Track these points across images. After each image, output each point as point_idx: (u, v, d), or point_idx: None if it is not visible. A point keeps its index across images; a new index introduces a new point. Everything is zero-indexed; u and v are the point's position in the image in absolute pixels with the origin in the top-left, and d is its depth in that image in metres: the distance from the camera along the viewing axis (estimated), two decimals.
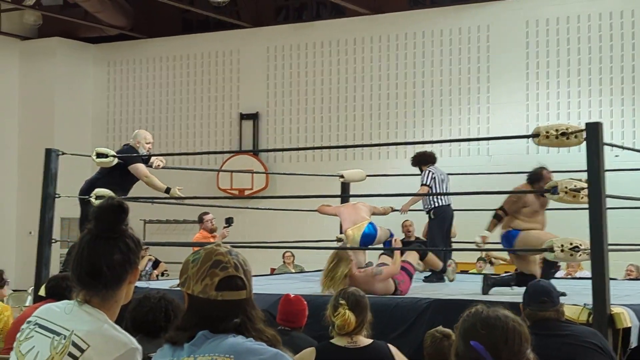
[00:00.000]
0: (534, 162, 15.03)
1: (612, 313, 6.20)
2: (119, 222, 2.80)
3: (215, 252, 2.64)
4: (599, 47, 16.78)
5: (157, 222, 20.38)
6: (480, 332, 2.73)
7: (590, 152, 6.48)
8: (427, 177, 10.25)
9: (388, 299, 7.33)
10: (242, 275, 2.61)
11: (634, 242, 11.13)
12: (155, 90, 21.72)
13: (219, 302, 2.57)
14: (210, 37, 21.18)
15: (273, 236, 15.80)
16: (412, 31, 18.59)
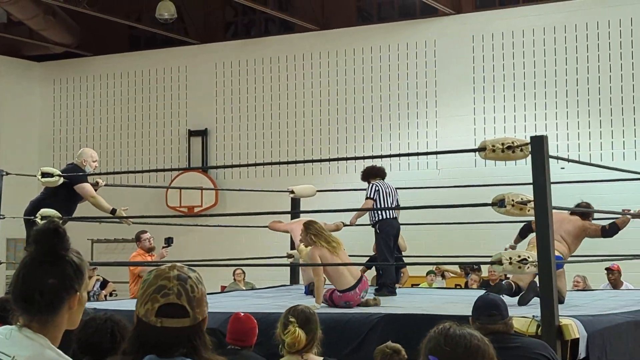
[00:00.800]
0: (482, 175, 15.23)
1: (560, 324, 6.25)
2: (55, 246, 2.72)
3: (163, 275, 2.58)
4: (543, 61, 17.00)
5: (105, 241, 20.20)
6: (444, 348, 2.75)
7: (535, 165, 6.55)
8: (371, 190, 10.26)
9: (339, 315, 7.32)
10: (184, 303, 2.54)
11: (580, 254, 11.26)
12: (102, 108, 21.53)
13: (159, 328, 2.53)
14: (157, 53, 21.08)
15: (223, 253, 15.73)
16: (360, 46, 18.68)
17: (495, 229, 12.39)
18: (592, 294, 10.54)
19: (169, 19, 18.33)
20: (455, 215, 14.12)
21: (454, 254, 13.10)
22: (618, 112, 16.38)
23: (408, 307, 8.29)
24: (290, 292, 10.57)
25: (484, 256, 8.07)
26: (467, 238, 15.41)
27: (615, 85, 16.43)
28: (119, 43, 21.71)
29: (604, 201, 14.80)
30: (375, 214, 10.20)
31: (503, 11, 17.59)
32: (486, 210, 7.18)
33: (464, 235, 15.39)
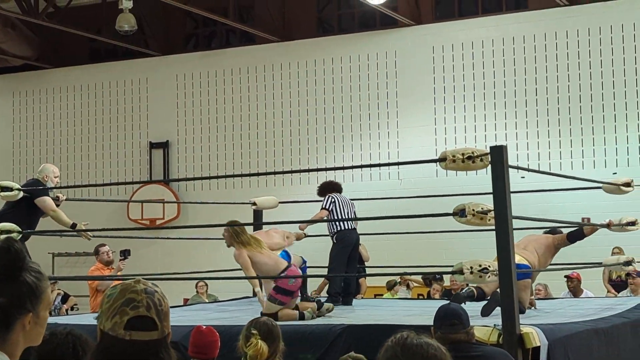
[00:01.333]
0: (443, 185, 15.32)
1: (521, 333, 6.29)
2: (6, 265, 2.68)
3: (130, 289, 2.57)
4: (503, 71, 17.15)
5: (66, 254, 20.02)
6: (400, 358, 2.74)
7: (495, 175, 6.60)
8: (327, 201, 10.35)
9: (302, 326, 7.32)
10: (153, 316, 2.54)
11: None
12: (62, 121, 21.37)
13: (127, 341, 2.51)
14: (118, 65, 20.98)
15: (186, 266, 15.64)
16: (321, 57, 18.73)
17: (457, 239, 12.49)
18: (552, 302, 10.62)
19: (129, 31, 18.23)
20: (417, 225, 14.17)
21: (416, 264, 13.15)
22: (577, 122, 16.56)
23: (371, 318, 8.30)
24: (253, 304, 10.54)
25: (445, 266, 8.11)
26: (429, 248, 15.48)
27: (573, 95, 16.61)
28: (79, 55, 21.57)
29: (564, 210, 14.97)
30: (334, 225, 10.25)
31: (462, 22, 17.73)
32: (447, 220, 7.22)
33: (426, 246, 15.46)
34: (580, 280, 13.14)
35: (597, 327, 7.44)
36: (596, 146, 16.39)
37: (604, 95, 16.41)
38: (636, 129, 16.17)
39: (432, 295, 14.56)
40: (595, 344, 7.23)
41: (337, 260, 10.20)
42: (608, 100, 16.37)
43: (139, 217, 19.57)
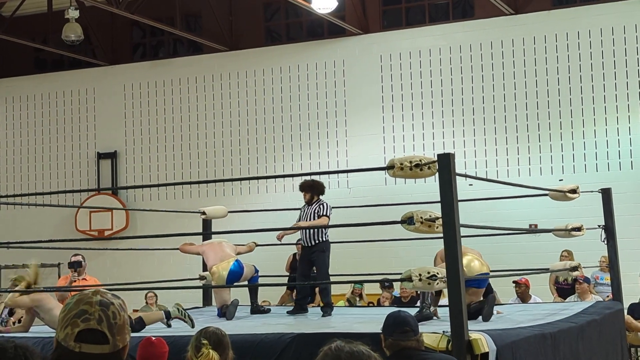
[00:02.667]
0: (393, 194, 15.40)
1: (470, 339, 6.33)
2: None
3: (85, 300, 2.55)
4: (450, 79, 17.30)
5: (13, 266, 19.72)
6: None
7: (442, 183, 6.64)
8: (327, 208, 9.98)
9: (252, 336, 7.29)
10: (104, 330, 2.51)
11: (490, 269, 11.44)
12: (8, 131, 21.11)
13: (77, 353, 2.50)
14: (64, 75, 20.79)
15: (135, 277, 15.54)
16: (270, 67, 18.74)
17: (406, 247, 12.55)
18: (501, 308, 10.71)
19: (75, 41, 18.09)
20: (366, 233, 14.22)
21: (366, 272, 13.18)
22: (523, 129, 16.76)
23: (321, 326, 8.31)
24: (203, 314, 10.49)
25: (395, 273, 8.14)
26: (379, 256, 15.55)
27: (520, 103, 16.81)
28: (24, 65, 21.33)
29: (511, 217, 15.15)
30: (322, 234, 9.96)
31: (409, 31, 17.86)
32: (397, 228, 7.26)
33: (375, 254, 15.52)
34: (528, 286, 13.27)
35: (545, 332, 7.52)
36: (542, 153, 16.59)
37: (549, 102, 16.63)
38: (582, 136, 16.41)
39: (382, 302, 14.60)
40: (543, 349, 7.31)
41: (326, 270, 10.07)
42: (554, 107, 16.59)
43: (87, 228, 19.40)
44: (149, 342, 5.82)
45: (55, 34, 18.83)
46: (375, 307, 13.70)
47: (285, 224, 11.37)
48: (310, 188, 10.17)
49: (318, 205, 10.04)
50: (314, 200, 10.10)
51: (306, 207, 10.16)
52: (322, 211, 9.96)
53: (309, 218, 10.02)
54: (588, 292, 12.65)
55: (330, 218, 9.98)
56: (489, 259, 13.04)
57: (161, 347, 5.82)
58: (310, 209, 10.05)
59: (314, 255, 10.00)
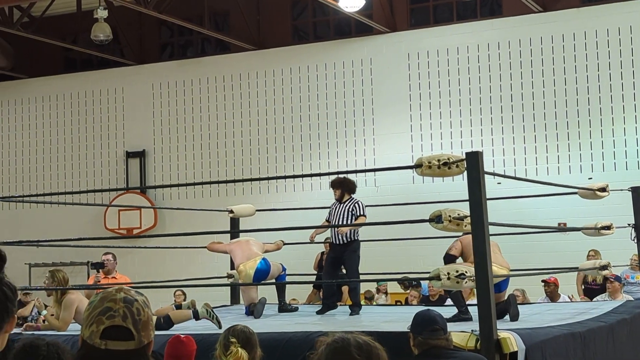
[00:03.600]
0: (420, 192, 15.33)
1: (499, 338, 6.31)
2: None
3: (109, 297, 2.55)
4: (478, 77, 17.23)
5: (43, 265, 19.87)
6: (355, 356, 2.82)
7: (471, 181, 6.61)
8: (362, 207, 9.87)
9: (279, 334, 7.30)
10: (129, 326, 2.51)
11: (518, 268, 11.39)
12: (38, 131, 21.26)
13: (103, 351, 2.50)
14: (93, 75, 20.91)
15: (163, 275, 15.60)
16: (297, 65, 18.74)
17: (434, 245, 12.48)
18: (530, 307, 10.66)
19: (104, 40, 18.18)
20: (394, 232, 14.20)
21: (394, 271, 13.15)
22: (552, 127, 16.65)
23: (348, 325, 8.30)
24: (231, 313, 10.52)
25: (423, 272, 8.12)
26: (407, 255, 15.51)
27: (548, 100, 16.71)
28: (54, 65, 21.49)
29: (540, 215, 15.07)
30: (354, 233, 9.87)
31: (437, 29, 17.80)
32: (424, 227, 7.24)
33: (403, 252, 15.48)
34: (557, 285, 13.19)
35: (574, 331, 7.47)
36: (572, 152, 16.48)
37: (578, 100, 16.52)
38: (611, 134, 16.28)
39: (410, 301, 14.57)
40: (572, 348, 7.26)
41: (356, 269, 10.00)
42: (583, 105, 16.48)
43: (115, 226, 19.51)
44: (178, 340, 5.83)
45: (84, 34, 18.96)
46: (403, 306, 13.68)
47: (312, 222, 11.34)
48: (341, 185, 10.04)
49: (352, 204, 9.90)
50: (345, 198, 9.97)
51: (337, 204, 10.03)
52: (358, 211, 9.83)
53: (342, 216, 9.88)
54: (619, 291, 12.55)
55: (366, 217, 9.89)
56: (517, 258, 13.00)
57: (190, 345, 5.83)
58: (343, 207, 9.92)
59: (345, 254, 9.89)
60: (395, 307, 13.63)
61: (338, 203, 10.02)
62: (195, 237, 11.64)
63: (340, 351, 2.84)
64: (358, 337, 2.89)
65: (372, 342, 2.88)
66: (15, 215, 20.70)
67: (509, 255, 12.13)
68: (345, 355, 2.83)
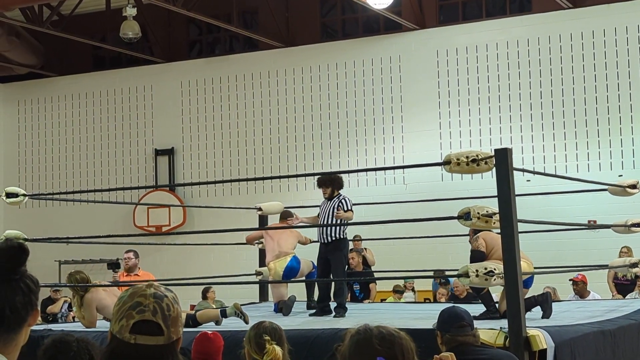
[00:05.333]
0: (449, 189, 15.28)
1: (528, 336, 6.27)
2: (19, 263, 2.73)
3: (139, 292, 2.56)
4: (507, 74, 17.14)
5: (73, 262, 20.01)
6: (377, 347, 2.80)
7: (500, 178, 6.58)
8: (349, 202, 9.75)
9: (307, 331, 7.31)
10: (159, 321, 2.52)
11: (547, 265, 11.34)
12: (68, 128, 21.41)
13: (133, 345, 2.50)
14: (122, 73, 21.01)
15: (192, 272, 15.66)
16: (325, 63, 18.73)
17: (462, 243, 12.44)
18: (559, 305, 10.59)
19: (133, 38, 18.27)
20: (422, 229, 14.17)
21: (421, 268, 13.12)
22: (582, 124, 16.54)
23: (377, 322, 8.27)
24: (260, 310, 10.55)
25: (451, 269, 8.09)
26: (435, 252, 15.46)
27: (578, 97, 16.59)
28: (83, 63, 21.62)
29: (570, 212, 14.97)
30: (341, 232, 9.73)
31: (466, 26, 17.73)
32: (453, 224, 7.21)
33: (431, 249, 15.43)
34: (585, 282, 13.11)
35: (604, 329, 7.42)
36: (602, 148, 16.36)
37: (609, 97, 16.39)
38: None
39: (438, 299, 14.54)
40: (601, 346, 7.21)
41: (343, 269, 9.89)
42: (613, 102, 16.35)
43: (145, 224, 19.60)
44: (205, 336, 5.84)
45: (113, 32, 19.05)
46: (431, 303, 13.65)
47: None
48: (331, 183, 9.94)
49: (339, 200, 9.77)
50: (335, 195, 9.86)
51: (326, 202, 9.93)
52: (344, 207, 9.69)
53: (328, 213, 9.76)
54: None
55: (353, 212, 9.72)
56: (546, 255, 12.94)
57: (217, 341, 5.84)
58: (330, 205, 9.79)
59: (331, 253, 9.70)
60: (423, 304, 13.60)
61: (327, 201, 9.90)
62: (224, 235, 11.66)
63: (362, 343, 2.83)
64: (382, 328, 2.87)
65: (397, 333, 2.87)
66: (45, 212, 20.85)
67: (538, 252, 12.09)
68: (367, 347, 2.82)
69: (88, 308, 8.93)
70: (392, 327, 2.90)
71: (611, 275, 13.90)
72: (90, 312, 8.94)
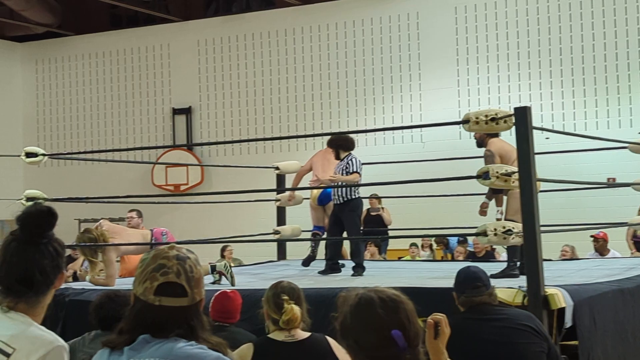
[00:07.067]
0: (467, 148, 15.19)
1: (546, 294, 6.26)
2: (48, 227, 2.76)
3: (162, 255, 2.59)
4: (526, 30, 16.98)
5: (92, 220, 20.12)
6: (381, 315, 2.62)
7: (519, 136, 6.54)
8: (356, 164, 9.45)
9: (327, 290, 7.31)
10: (183, 283, 2.55)
11: (567, 223, 11.30)
12: (85, 88, 21.44)
13: (157, 307, 2.53)
14: (139, 32, 20.97)
15: (209, 231, 15.71)
16: (342, 20, 18.62)
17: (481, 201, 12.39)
18: (577, 263, 10.58)
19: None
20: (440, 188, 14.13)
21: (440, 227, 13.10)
22: (601, 81, 16.40)
23: (395, 282, 8.29)
24: (277, 268, 10.57)
25: (470, 227, 8.06)
26: (453, 211, 15.43)
27: (598, 54, 16.44)
28: (100, 22, 21.58)
29: (589, 170, 14.91)
30: (352, 191, 9.49)
31: None
32: (471, 183, 7.18)
33: (449, 209, 15.40)
34: (606, 240, 13.06)
35: (623, 287, 7.40)
36: (621, 105, 16.23)
37: (629, 53, 16.23)
38: None
39: (456, 257, 14.56)
40: (621, 304, 7.20)
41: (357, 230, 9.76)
42: (633, 58, 16.19)
43: (163, 182, 19.66)
44: (225, 295, 5.87)
45: None
46: (449, 262, 13.66)
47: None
48: (335, 144, 9.68)
49: (347, 160, 9.51)
50: (343, 156, 9.57)
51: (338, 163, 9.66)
52: (351, 167, 9.43)
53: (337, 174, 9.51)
54: None
55: (361, 175, 9.50)
56: (565, 214, 12.90)
57: (236, 300, 5.87)
58: (340, 166, 9.56)
59: (344, 213, 9.52)
60: (441, 262, 13.62)
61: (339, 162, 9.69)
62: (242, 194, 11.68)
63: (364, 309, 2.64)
64: (381, 293, 2.67)
65: (397, 297, 2.67)
66: (64, 171, 20.94)
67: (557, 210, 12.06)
68: (369, 314, 2.62)
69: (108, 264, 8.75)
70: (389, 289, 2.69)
71: (630, 233, 13.83)
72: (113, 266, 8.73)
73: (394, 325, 2.58)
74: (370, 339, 2.60)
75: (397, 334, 2.58)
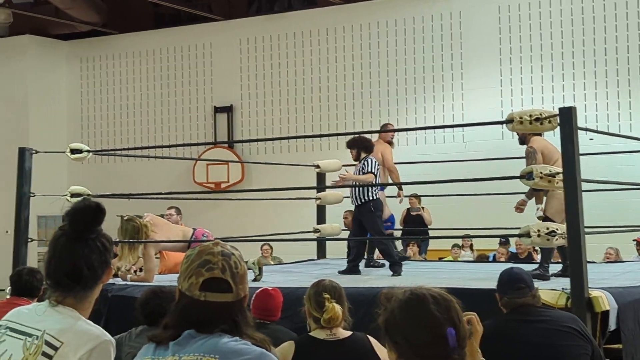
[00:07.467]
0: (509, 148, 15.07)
1: (590, 297, 6.20)
2: (97, 223, 2.79)
3: (207, 251, 2.60)
4: (571, 30, 16.82)
5: None
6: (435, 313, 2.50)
7: (564, 137, 6.47)
8: (373, 165, 9.55)
9: (367, 289, 7.31)
10: (228, 279, 2.56)
11: (611, 225, 11.17)
12: (129, 86, 21.60)
13: (202, 302, 2.54)
14: (182, 30, 21.08)
15: (249, 229, 15.75)
16: (385, 19, 18.57)
17: None
18: (621, 265, 10.46)
19: None
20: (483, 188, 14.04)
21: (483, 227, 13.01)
22: None
23: (436, 282, 8.24)
24: (317, 267, 10.57)
25: (512, 228, 8.00)
26: (496, 211, 15.32)
27: None
28: (144, 21, 21.73)
29: (634, 172, 14.72)
30: (370, 192, 9.48)
31: None
32: (513, 183, 7.13)
33: (492, 209, 15.29)
34: None
35: None
36: None
37: None
38: None
39: (498, 258, 14.45)
40: None
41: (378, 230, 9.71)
42: None
43: (204, 180, 19.76)
44: (266, 292, 5.87)
45: None
46: (491, 263, 13.56)
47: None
48: (355, 144, 9.82)
49: (363, 161, 9.61)
50: (362, 157, 9.69)
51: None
52: (367, 167, 9.51)
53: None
54: None
55: (376, 175, 9.51)
56: (609, 216, 12.74)
57: (277, 297, 5.87)
58: (357, 167, 9.67)
59: (362, 215, 9.53)
60: (482, 264, 13.52)
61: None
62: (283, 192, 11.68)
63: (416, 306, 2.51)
64: (431, 291, 2.56)
65: (447, 295, 2.56)
66: (107, 168, 21.12)
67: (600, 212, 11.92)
68: (422, 311, 2.50)
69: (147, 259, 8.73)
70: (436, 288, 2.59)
71: None
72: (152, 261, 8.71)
73: (447, 323, 2.49)
74: (422, 337, 2.50)
75: (451, 333, 2.49)
